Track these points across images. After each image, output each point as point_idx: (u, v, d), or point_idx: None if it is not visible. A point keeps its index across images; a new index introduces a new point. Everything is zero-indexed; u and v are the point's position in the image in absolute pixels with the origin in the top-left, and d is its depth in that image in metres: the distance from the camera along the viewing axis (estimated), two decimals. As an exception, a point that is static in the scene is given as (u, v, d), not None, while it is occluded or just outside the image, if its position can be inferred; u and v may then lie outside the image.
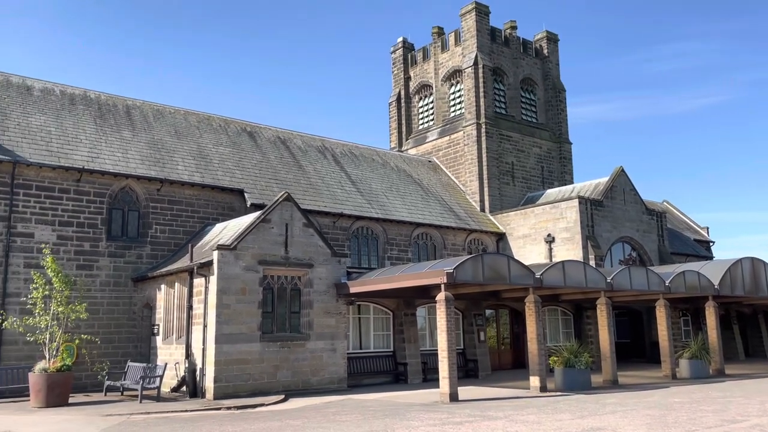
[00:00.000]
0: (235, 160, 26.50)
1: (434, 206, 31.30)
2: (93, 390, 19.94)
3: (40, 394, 16.65)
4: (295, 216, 20.37)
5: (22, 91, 23.96)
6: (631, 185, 32.55)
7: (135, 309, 22.00)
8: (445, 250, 29.84)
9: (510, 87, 36.79)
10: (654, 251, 32.45)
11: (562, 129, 38.18)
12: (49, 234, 20.65)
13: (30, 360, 18.74)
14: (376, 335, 23.22)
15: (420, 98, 39.05)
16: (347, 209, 27.06)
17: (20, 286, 19.73)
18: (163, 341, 20.75)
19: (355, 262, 26.75)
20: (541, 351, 19.23)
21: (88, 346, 19.80)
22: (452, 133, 35.94)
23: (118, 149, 23.40)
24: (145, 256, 22.32)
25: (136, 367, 19.02)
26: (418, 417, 13.84)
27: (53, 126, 22.88)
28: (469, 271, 18.15)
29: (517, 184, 35.09)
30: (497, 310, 28.38)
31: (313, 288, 20.29)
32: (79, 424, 13.72)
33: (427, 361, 23.23)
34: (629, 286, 22.76)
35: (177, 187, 23.37)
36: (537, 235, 30.61)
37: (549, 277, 20.00)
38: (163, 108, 27.81)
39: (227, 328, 18.30)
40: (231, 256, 18.72)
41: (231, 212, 24.22)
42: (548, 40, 39.12)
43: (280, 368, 19.15)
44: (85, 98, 25.55)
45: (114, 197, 22.24)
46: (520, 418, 13.44)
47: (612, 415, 13.64)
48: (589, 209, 29.79)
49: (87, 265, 21.20)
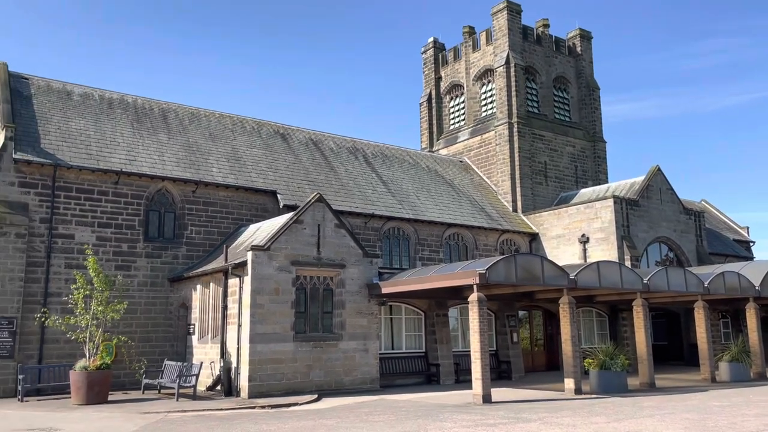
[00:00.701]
0: (268, 162, 26.80)
1: (466, 206, 31.16)
2: (131, 388, 20.37)
3: (81, 391, 17.08)
4: (327, 217, 20.50)
5: (63, 96, 24.62)
6: (668, 184, 31.91)
7: (171, 309, 22.41)
8: (476, 250, 29.68)
9: (542, 86, 36.41)
10: (692, 252, 31.77)
11: (596, 127, 37.63)
12: (89, 235, 21.16)
13: (71, 358, 19.25)
14: (407, 336, 23.21)
15: (451, 98, 38.91)
16: (378, 210, 27.12)
17: (61, 286, 20.27)
18: (198, 340, 21.09)
19: (386, 262, 26.78)
20: (576, 353, 18.99)
21: (126, 344, 20.25)
22: (484, 133, 35.72)
23: (155, 152, 23.87)
24: (180, 257, 22.71)
25: (172, 366, 19.38)
26: (451, 418, 13.80)
27: (92, 130, 23.46)
28: (501, 271, 18.02)
29: (550, 184, 34.70)
30: (530, 311, 28.12)
31: (345, 288, 20.39)
32: (118, 421, 14.03)
33: (459, 362, 23.14)
34: (666, 287, 22.34)
35: (212, 189, 23.73)
36: (571, 236, 30.23)
37: (583, 278, 19.74)
38: (197, 111, 28.28)
39: (261, 327, 18.52)
40: (264, 256, 18.94)
41: (264, 213, 24.50)
42: (581, 37, 38.62)
43: (313, 368, 19.29)
44: (122, 102, 26.14)
45: (151, 199, 22.69)
46: (555, 420, 13.30)
47: (649, 419, 13.40)
48: (625, 209, 29.30)
49: (125, 265, 21.67)
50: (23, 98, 23.18)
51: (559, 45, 37.91)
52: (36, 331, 19.70)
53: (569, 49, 38.33)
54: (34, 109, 22.91)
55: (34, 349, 19.70)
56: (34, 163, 20.49)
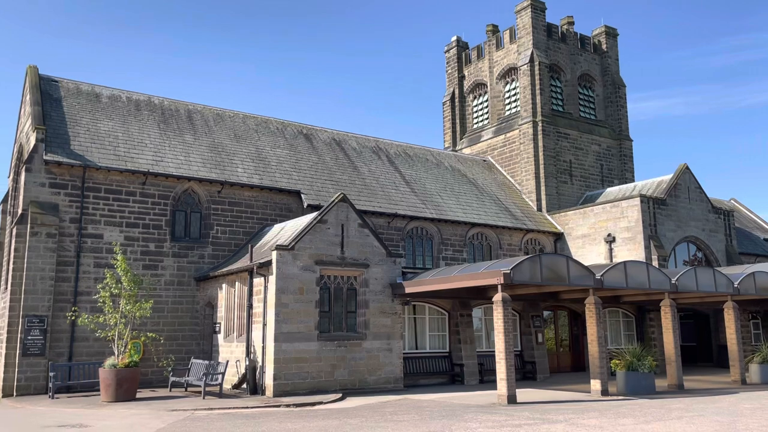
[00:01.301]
0: (292, 162, 26.96)
1: (489, 206, 31.00)
2: (158, 386, 20.67)
3: (110, 388, 17.37)
4: (351, 216, 20.55)
5: (92, 98, 25.05)
6: (696, 183, 31.39)
7: (197, 307, 22.67)
8: (500, 250, 29.51)
9: (567, 84, 36.06)
10: (721, 251, 31.20)
11: (622, 126, 37.16)
12: (117, 235, 21.51)
13: (100, 356, 19.59)
14: (431, 336, 23.17)
15: (474, 97, 38.73)
16: (402, 209, 27.11)
17: (90, 284, 20.63)
18: (224, 339, 21.31)
19: (409, 262, 26.76)
20: (602, 353, 18.78)
21: (154, 343, 20.54)
22: (507, 132, 35.50)
23: (181, 152, 24.17)
24: (206, 256, 22.97)
25: (199, 364, 19.61)
26: (476, 418, 13.74)
27: (120, 131, 23.83)
28: (526, 271, 17.89)
29: (575, 183, 34.36)
30: (555, 311, 27.87)
31: (368, 288, 20.43)
32: (146, 418, 14.24)
33: (483, 362, 23.04)
34: (695, 287, 21.98)
35: (237, 189, 23.96)
36: (596, 235, 29.89)
37: (610, 278, 19.51)
38: (222, 112, 28.56)
39: (286, 326, 18.64)
40: (289, 256, 19.06)
41: (288, 213, 24.66)
42: (607, 34, 38.15)
43: (337, 367, 19.37)
44: (149, 104, 26.51)
45: (177, 199, 22.99)
46: (581, 422, 13.17)
47: (678, 421, 13.20)
48: (652, 208, 28.89)
49: (152, 264, 21.98)
50: (53, 100, 23.64)
51: (584, 42, 37.51)
52: (66, 330, 20.09)
53: (594, 46, 37.90)
54: (64, 111, 23.35)
55: (64, 347, 20.10)
56: (64, 164, 20.89)
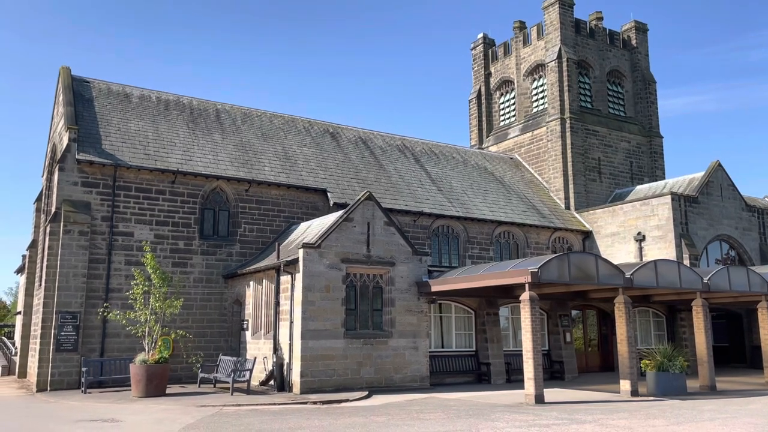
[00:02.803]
0: (318, 161, 27.09)
1: (516, 204, 30.75)
2: (187, 381, 20.96)
3: (140, 384, 17.66)
4: (377, 215, 20.57)
5: (122, 98, 25.48)
6: (729, 180, 30.73)
7: (225, 305, 22.92)
8: (528, 248, 29.26)
9: (596, 80, 35.58)
10: (755, 250, 30.50)
11: (652, 122, 36.54)
12: (147, 233, 21.85)
13: (131, 352, 19.93)
14: (457, 334, 23.09)
15: (501, 94, 38.45)
16: (427, 208, 27.04)
17: (121, 281, 21.00)
18: (251, 336, 21.51)
19: (435, 260, 26.69)
20: (632, 353, 18.51)
21: (183, 339, 20.83)
22: (535, 129, 35.17)
23: (209, 152, 24.45)
24: (234, 254, 23.21)
25: (227, 361, 19.83)
26: (503, 418, 13.66)
27: (150, 131, 24.20)
28: (554, 270, 17.71)
29: (604, 181, 33.89)
30: (584, 310, 27.54)
31: (394, 286, 20.43)
32: (176, 414, 14.45)
33: (510, 361, 22.88)
34: (728, 287, 21.54)
35: (264, 188, 24.16)
36: (626, 234, 29.45)
37: (640, 277, 19.21)
38: (250, 111, 28.82)
39: (312, 324, 18.75)
40: (315, 254, 19.16)
41: (315, 211, 24.78)
42: (636, 30, 37.53)
43: (363, 365, 19.41)
44: (178, 104, 26.87)
45: (206, 198, 23.26)
46: (611, 422, 13.00)
47: (710, 423, 12.94)
48: (683, 206, 28.36)
49: (181, 262, 22.29)
50: (85, 101, 24.10)
51: (613, 38, 36.95)
52: (98, 326, 20.48)
53: (624, 42, 37.31)
54: (96, 111, 23.79)
55: (96, 343, 20.48)
56: (95, 163, 21.29)
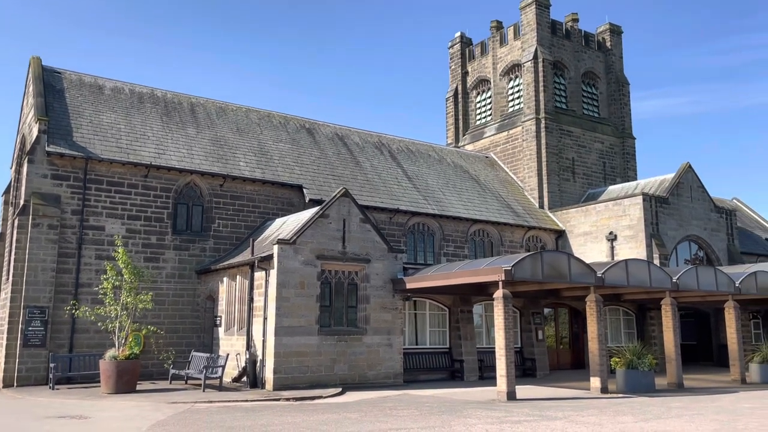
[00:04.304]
0: (294, 157, 26.95)
1: (491, 202, 30.97)
2: (158, 378, 20.71)
3: (110, 380, 17.41)
4: (353, 212, 20.54)
5: (94, 90, 25.03)
6: (699, 182, 31.32)
7: (198, 300, 22.70)
8: (502, 247, 29.50)
9: (571, 81, 35.97)
10: (723, 251, 31.16)
11: (625, 124, 37.07)
12: (119, 227, 21.53)
13: (100, 348, 19.62)
14: (431, 331, 23.19)
15: (477, 93, 38.65)
16: (403, 205, 27.10)
17: (92, 276, 20.65)
18: (224, 332, 21.34)
19: (411, 258, 26.75)
20: (602, 351, 18.78)
21: (155, 335, 20.57)
22: (510, 129, 35.44)
23: (184, 146, 24.16)
24: (208, 250, 22.99)
25: (199, 357, 19.64)
26: (475, 414, 13.76)
27: (123, 123, 23.82)
28: (527, 268, 17.88)
29: (577, 181, 34.30)
30: (556, 308, 27.86)
31: (369, 283, 20.44)
32: (147, 410, 14.27)
33: (483, 358, 23.06)
34: (696, 286, 21.96)
35: (239, 183, 23.95)
36: (598, 233, 29.86)
37: (611, 276, 19.49)
38: (225, 105, 28.54)
39: (286, 320, 18.66)
40: (290, 250, 19.07)
41: (290, 207, 24.65)
42: (611, 32, 38.01)
43: (337, 362, 19.39)
44: (152, 96, 26.49)
45: (179, 192, 22.99)
46: (581, 419, 13.18)
47: (677, 419, 13.20)
48: (654, 206, 28.84)
49: (154, 257, 22.01)
50: (56, 92, 23.62)
51: (589, 40, 37.38)
52: (67, 321, 20.12)
53: (599, 43, 37.77)
54: (67, 103, 23.34)
55: (65, 339, 20.12)
56: (66, 155, 20.90)
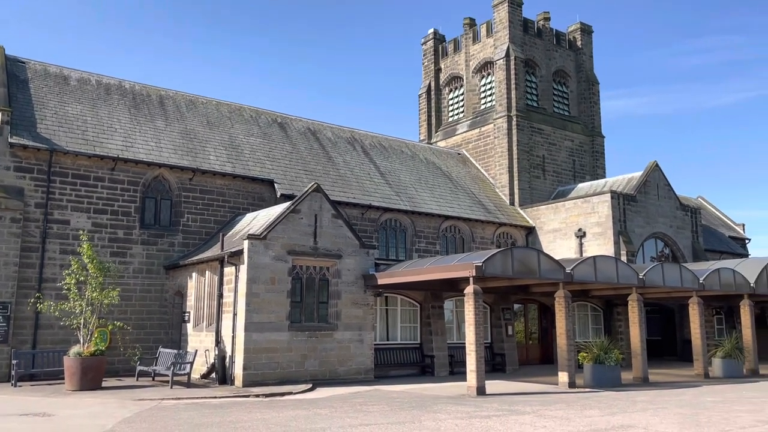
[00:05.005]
0: (265, 151, 26.69)
1: (463, 199, 31.12)
2: (125, 375, 20.36)
3: (75, 377, 17.05)
4: (324, 207, 20.44)
5: (60, 80, 24.44)
6: (665, 180, 31.91)
7: (166, 296, 22.37)
8: (473, 243, 29.68)
9: (542, 79, 36.31)
10: (688, 248, 31.82)
11: (594, 122, 37.58)
12: (85, 221, 21.08)
13: (65, 344, 19.20)
14: (403, 327, 23.22)
15: (450, 90, 38.79)
16: (376, 201, 27.07)
17: (56, 271, 20.19)
18: (193, 328, 21.07)
19: (383, 253, 26.76)
20: (570, 346, 19.03)
21: (121, 331, 20.21)
22: (482, 126, 35.64)
23: (152, 138, 23.75)
24: (176, 245, 22.65)
25: (167, 354, 19.36)
26: (445, 409, 13.82)
27: (89, 115, 23.31)
28: (498, 264, 18.01)
29: (547, 178, 34.68)
30: (525, 304, 28.16)
31: (341, 279, 20.37)
32: (112, 408, 14.01)
33: (454, 354, 23.18)
34: (662, 282, 22.38)
35: (209, 177, 23.64)
36: (567, 230, 30.24)
37: (579, 272, 19.75)
38: (195, 98, 28.13)
39: (256, 316, 18.50)
40: (261, 245, 18.89)
41: (261, 202, 24.43)
42: (582, 31, 38.46)
43: (307, 357, 19.30)
44: (120, 88, 25.97)
45: (147, 186, 22.60)
46: (549, 413, 13.33)
47: (642, 413, 13.44)
48: (622, 204, 29.30)
49: (120, 252, 21.60)
50: (20, 82, 23.00)
51: (560, 39, 37.77)
52: (30, 317, 19.64)
53: (569, 42, 38.19)
54: (31, 94, 22.74)
55: (28, 335, 19.65)
56: (30, 147, 20.36)
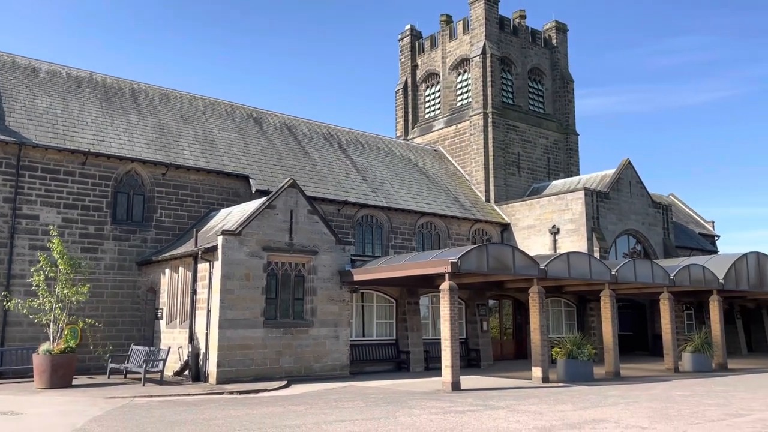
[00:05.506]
0: (240, 146, 26.45)
1: (439, 196, 31.22)
2: (96, 372, 20.05)
3: (44, 375, 16.74)
4: (300, 203, 20.33)
5: (29, 72, 23.91)
6: (638, 178, 32.38)
7: (139, 293, 22.06)
8: (449, 239, 29.80)
9: (518, 77, 36.55)
10: (659, 244, 32.35)
11: (569, 120, 37.95)
12: (54, 216, 20.67)
13: (34, 341, 18.82)
14: (379, 323, 23.25)
15: (427, 87, 38.84)
16: (352, 197, 27.01)
17: (25, 267, 19.76)
18: (166, 325, 20.82)
19: (359, 250, 26.71)
20: (544, 342, 19.23)
21: (92, 328, 19.88)
22: (458, 123, 35.77)
23: (124, 133, 23.37)
24: (149, 240, 22.34)
25: (139, 351, 19.10)
26: (420, 405, 13.86)
27: (59, 108, 22.84)
28: (473, 261, 18.11)
29: (522, 175, 34.94)
30: (500, 300, 28.38)
31: (317, 275, 20.29)
32: (82, 406, 13.77)
33: (429, 349, 23.27)
34: (634, 278, 22.71)
35: (182, 172, 23.34)
36: (542, 227, 30.52)
37: (553, 269, 19.95)
38: (169, 92, 27.74)
39: (231, 313, 18.34)
40: (235, 241, 18.73)
41: (236, 198, 24.20)
42: (557, 30, 38.78)
43: (282, 354, 19.20)
44: (91, 81, 25.49)
45: (119, 181, 22.24)
46: (522, 408, 13.45)
47: (614, 407, 13.64)
48: (595, 201, 29.66)
49: (91, 248, 21.24)
50: (-13, 74, 22.44)
51: (535, 37, 38.04)
52: (-2, 314, 19.22)
53: (545, 41, 38.49)
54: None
55: (-5, 332, 19.23)
56: (-3, 141, 19.90)
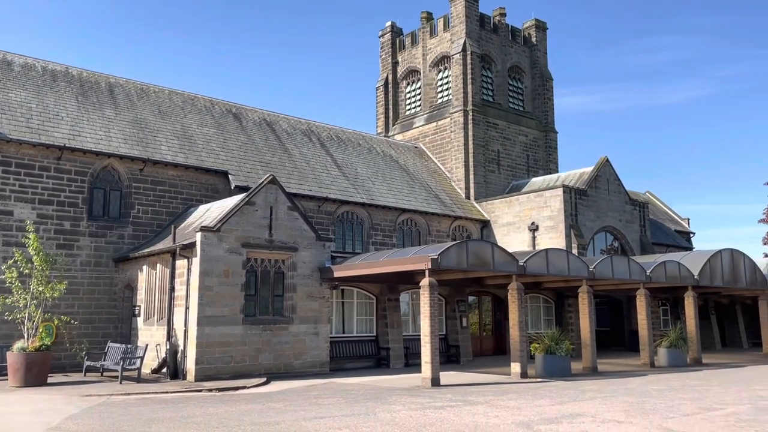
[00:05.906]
0: (219, 142, 26.23)
1: (420, 192, 31.28)
2: (72, 370, 19.77)
3: (19, 373, 16.48)
4: (280, 199, 20.23)
5: (2, 66, 23.45)
6: (615, 175, 32.74)
7: (116, 290, 21.79)
8: (429, 236, 29.88)
9: (498, 74, 36.72)
10: (636, 241, 32.76)
11: (548, 118, 38.24)
12: (29, 212, 20.32)
13: (8, 339, 18.52)
14: (359, 320, 23.25)
15: (407, 83, 38.86)
16: (332, 193, 26.94)
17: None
18: (144, 322, 20.60)
19: (339, 246, 26.68)
20: (523, 338, 19.38)
21: (68, 326, 19.57)
22: (439, 120, 35.86)
23: (101, 127, 23.04)
24: (126, 237, 22.07)
25: (116, 348, 18.88)
26: (399, 401, 13.89)
27: (34, 102, 22.45)
28: (453, 257, 18.19)
29: (502, 172, 35.14)
30: (480, 296, 28.53)
31: (296, 272, 20.22)
32: (58, 404, 13.58)
33: (409, 346, 23.33)
34: (611, 274, 22.98)
35: (160, 168, 23.09)
36: (521, 223, 30.73)
37: (532, 265, 20.11)
38: (146, 87, 27.40)
39: (209, 310, 18.20)
40: (214, 238, 18.58)
41: (215, 194, 24.01)
42: (537, 28, 39.02)
43: (262, 351, 19.11)
44: (67, 75, 25.08)
45: (96, 176, 21.93)
46: (501, 403, 13.55)
47: (591, 402, 13.80)
48: (573, 198, 29.94)
49: (67, 244, 20.92)
50: (-41, 66, 21.97)
51: (515, 34, 38.24)
52: (-30, 311, 18.85)
53: (525, 39, 38.70)
54: (-29, 79, 21.76)
55: (-32, 330, 18.87)
56: (-31, 135, 19.51)
